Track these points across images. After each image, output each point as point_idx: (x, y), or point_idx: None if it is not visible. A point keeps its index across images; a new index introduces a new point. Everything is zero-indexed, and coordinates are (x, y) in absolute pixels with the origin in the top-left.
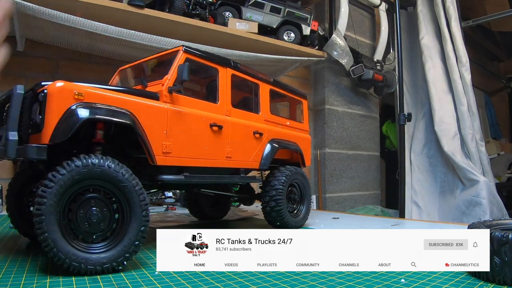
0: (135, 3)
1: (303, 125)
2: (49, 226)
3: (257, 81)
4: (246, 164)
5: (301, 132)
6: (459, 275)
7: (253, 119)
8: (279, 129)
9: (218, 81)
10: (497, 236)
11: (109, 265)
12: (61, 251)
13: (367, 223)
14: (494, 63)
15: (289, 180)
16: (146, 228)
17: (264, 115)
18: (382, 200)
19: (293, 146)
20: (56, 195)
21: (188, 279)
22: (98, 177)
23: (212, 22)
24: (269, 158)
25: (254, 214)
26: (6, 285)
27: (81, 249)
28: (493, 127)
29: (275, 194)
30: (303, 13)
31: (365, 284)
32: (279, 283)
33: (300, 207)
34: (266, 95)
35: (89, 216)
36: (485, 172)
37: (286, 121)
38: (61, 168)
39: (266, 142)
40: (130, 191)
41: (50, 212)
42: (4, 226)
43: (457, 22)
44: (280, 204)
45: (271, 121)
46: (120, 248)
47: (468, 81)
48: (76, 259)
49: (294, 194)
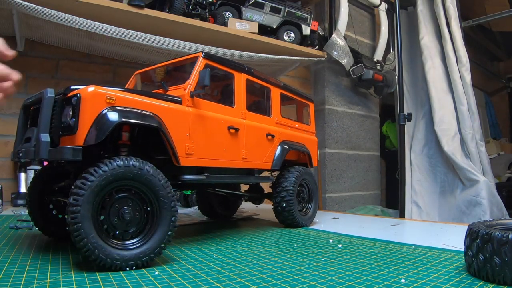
0: (135, 3)
1: (310, 127)
2: (87, 229)
3: (269, 85)
4: (259, 164)
5: (308, 134)
6: (459, 275)
7: (265, 122)
8: (289, 131)
9: (234, 86)
10: (497, 236)
11: (147, 257)
12: (102, 253)
13: (367, 223)
14: (494, 63)
15: (298, 180)
16: (176, 218)
17: (275, 118)
18: (382, 200)
19: (301, 147)
20: (91, 196)
21: (188, 279)
22: (132, 178)
23: (212, 22)
24: (281, 159)
25: (254, 214)
26: (6, 285)
27: (117, 247)
28: (493, 127)
29: (286, 195)
30: (303, 13)
31: (365, 284)
32: (279, 283)
33: (309, 206)
34: (277, 98)
35: (122, 214)
36: (485, 172)
37: (295, 124)
38: (99, 168)
39: (277, 143)
40: (159, 187)
41: (85, 215)
42: (4, 226)
43: (457, 22)
44: (291, 204)
45: (282, 124)
46: (154, 240)
47: (468, 81)
48: (116, 258)
49: (303, 194)
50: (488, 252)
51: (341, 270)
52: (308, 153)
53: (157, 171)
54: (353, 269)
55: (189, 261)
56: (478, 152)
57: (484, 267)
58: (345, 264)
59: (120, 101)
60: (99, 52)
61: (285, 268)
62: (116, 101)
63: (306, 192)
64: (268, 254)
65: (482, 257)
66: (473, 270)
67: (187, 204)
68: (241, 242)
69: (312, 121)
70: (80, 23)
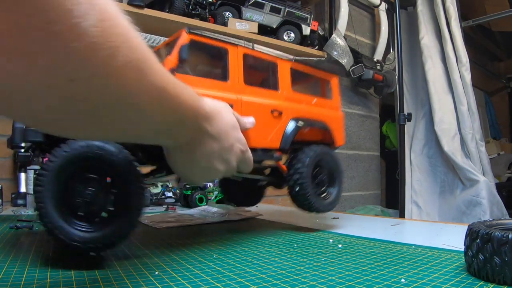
0: (135, 3)
1: (333, 102)
2: None
3: (274, 60)
4: (263, 143)
5: (330, 110)
6: (459, 275)
7: (271, 97)
8: (302, 107)
9: (228, 60)
10: (497, 236)
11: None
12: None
13: (367, 223)
14: (494, 63)
15: (313, 161)
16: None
17: (284, 93)
18: (382, 200)
19: (318, 123)
20: None
21: (188, 279)
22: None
23: (212, 22)
24: (291, 137)
25: (257, 215)
26: (6, 285)
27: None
28: (493, 127)
29: (298, 177)
30: (303, 13)
31: (365, 284)
32: (279, 283)
33: (330, 189)
34: (286, 73)
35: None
36: (485, 172)
37: (311, 99)
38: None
39: (287, 120)
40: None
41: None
42: (4, 226)
43: (457, 22)
44: (305, 187)
45: (293, 99)
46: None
47: (468, 81)
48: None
49: (322, 176)
50: (488, 252)
51: (341, 270)
52: (328, 130)
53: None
54: (353, 269)
55: (189, 261)
56: (478, 152)
57: (484, 267)
58: (345, 264)
59: None
60: None
61: (285, 268)
62: None
63: (326, 174)
64: (268, 254)
65: (482, 257)
66: (473, 270)
67: (187, 204)
68: (241, 242)
69: (336, 95)
70: None
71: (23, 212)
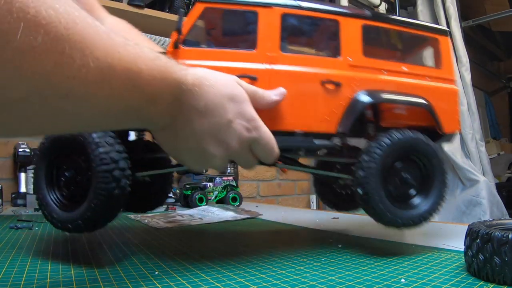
0: (135, 3)
1: (441, 71)
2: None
3: (336, 17)
4: (308, 125)
5: (434, 81)
6: (459, 275)
7: (324, 65)
8: (381, 77)
9: (258, 25)
10: (497, 236)
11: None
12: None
13: (367, 223)
14: (494, 63)
15: (391, 153)
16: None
17: (348, 59)
18: None
19: (409, 100)
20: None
21: (188, 279)
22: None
23: None
24: (352, 117)
25: (257, 215)
26: (6, 285)
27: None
28: (493, 127)
29: (363, 175)
30: None
31: (365, 284)
32: (279, 283)
33: (420, 195)
34: (354, 33)
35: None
36: (485, 172)
37: (399, 66)
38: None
39: (349, 94)
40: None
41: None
42: (4, 226)
43: (457, 22)
44: (369, 188)
45: (365, 67)
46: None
47: (468, 81)
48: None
49: (406, 175)
50: (488, 252)
51: (341, 270)
52: (429, 109)
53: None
54: (353, 269)
55: (189, 261)
56: (478, 152)
57: (484, 267)
58: (345, 264)
59: None
60: None
61: (285, 268)
62: None
63: (415, 172)
64: (268, 254)
65: (482, 257)
66: (473, 270)
67: (187, 204)
68: (241, 242)
69: (447, 62)
70: None
71: (23, 212)
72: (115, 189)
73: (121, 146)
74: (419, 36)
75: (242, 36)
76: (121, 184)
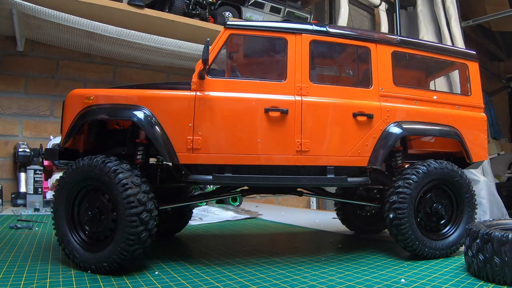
0: (135, 3)
1: (470, 98)
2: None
3: (367, 44)
4: (339, 160)
5: (463, 110)
6: (459, 275)
7: (356, 96)
8: (412, 107)
9: (287, 53)
10: (497, 236)
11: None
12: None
13: None
14: (494, 63)
15: (424, 181)
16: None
17: (380, 89)
18: None
19: (438, 130)
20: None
21: (188, 279)
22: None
23: (212, 22)
24: (385, 151)
25: (257, 215)
26: (6, 285)
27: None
28: (493, 127)
29: (396, 200)
30: (303, 13)
31: (365, 284)
32: (279, 283)
33: (451, 225)
34: (385, 61)
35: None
36: (485, 172)
37: (430, 95)
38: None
39: (382, 126)
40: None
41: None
42: (4, 226)
43: (457, 22)
44: (402, 215)
45: (396, 97)
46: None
47: None
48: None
49: (438, 204)
50: (488, 252)
51: (341, 270)
52: (458, 139)
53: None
54: (353, 269)
55: (189, 261)
56: None
57: (484, 267)
58: (345, 264)
59: (98, 99)
60: (99, 52)
61: (285, 268)
62: (93, 100)
63: (447, 202)
64: (268, 254)
65: (482, 257)
66: (473, 270)
67: None
68: (241, 242)
69: (476, 88)
70: (80, 23)
71: (23, 212)
72: (143, 232)
73: (147, 185)
74: (450, 63)
75: (270, 66)
76: (149, 227)
